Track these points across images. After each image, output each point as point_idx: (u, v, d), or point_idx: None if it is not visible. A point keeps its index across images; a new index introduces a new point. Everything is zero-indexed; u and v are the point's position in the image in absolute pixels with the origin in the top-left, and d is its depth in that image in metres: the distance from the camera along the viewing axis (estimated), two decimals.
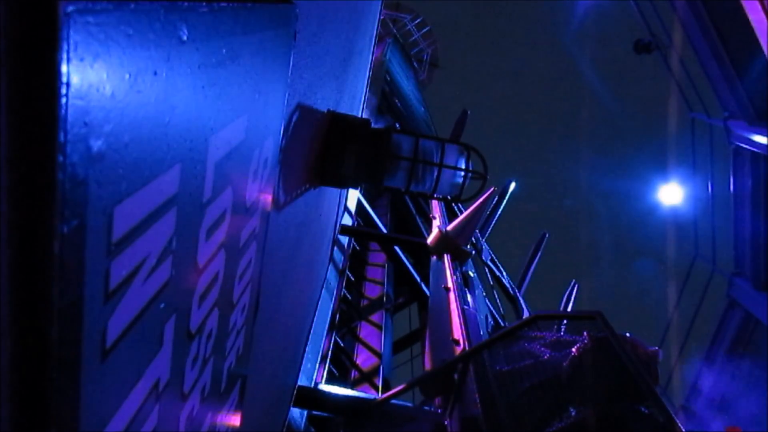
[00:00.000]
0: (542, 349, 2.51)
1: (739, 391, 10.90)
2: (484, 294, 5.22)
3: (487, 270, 7.00)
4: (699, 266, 14.31)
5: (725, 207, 12.67)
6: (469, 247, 5.15)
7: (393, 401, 3.00)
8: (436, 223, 6.09)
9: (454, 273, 4.47)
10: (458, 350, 3.23)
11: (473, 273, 5.06)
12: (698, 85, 13.23)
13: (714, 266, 13.41)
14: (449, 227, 5.15)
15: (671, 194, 17.72)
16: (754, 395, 10.28)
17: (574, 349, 2.38)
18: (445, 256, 4.84)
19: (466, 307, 3.88)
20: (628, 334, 2.61)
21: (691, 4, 10.66)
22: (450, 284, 4.23)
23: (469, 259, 5.20)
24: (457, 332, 3.48)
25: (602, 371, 2.27)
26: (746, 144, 11.16)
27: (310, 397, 3.05)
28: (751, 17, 8.86)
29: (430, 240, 5.19)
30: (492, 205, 7.42)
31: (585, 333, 2.46)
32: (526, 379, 2.36)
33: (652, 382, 2.21)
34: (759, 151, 10.74)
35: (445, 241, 5.00)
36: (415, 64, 20.37)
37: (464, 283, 4.56)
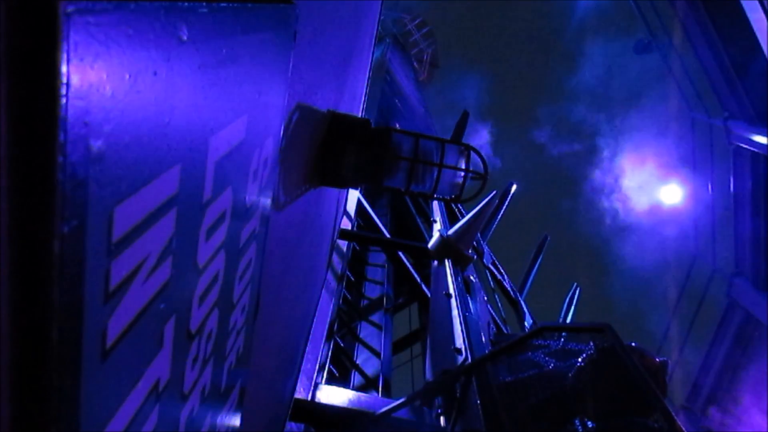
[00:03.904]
0: (547, 358, 2.49)
1: (739, 392, 10.90)
2: (486, 298, 5.20)
3: (488, 273, 6.98)
4: (699, 266, 14.32)
5: (725, 207, 12.68)
6: (470, 251, 5.12)
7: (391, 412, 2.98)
8: (437, 227, 6.06)
9: (455, 278, 4.44)
10: (460, 359, 3.21)
11: (474, 278, 5.03)
12: (698, 85, 13.25)
13: (714, 266, 13.42)
14: (450, 232, 5.12)
15: (671, 194, 17.75)
16: (754, 395, 10.29)
17: (580, 360, 2.36)
18: (447, 261, 4.81)
19: (467, 314, 3.86)
20: (633, 344, 2.59)
21: (691, 4, 10.68)
22: (451, 290, 4.20)
23: (471, 263, 5.17)
24: (459, 340, 3.47)
25: (609, 383, 2.24)
26: (746, 144, 11.17)
27: (307, 410, 3.04)
28: (750, 17, 8.86)
29: (431, 245, 5.16)
30: (493, 208, 7.41)
31: (591, 343, 2.44)
32: (531, 391, 2.33)
33: (660, 393, 2.18)
34: (759, 151, 10.75)
35: (447, 246, 4.97)
36: (415, 64, 20.38)
37: (466, 289, 4.53)
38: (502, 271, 7.62)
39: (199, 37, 0.59)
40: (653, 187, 19.78)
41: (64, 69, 0.38)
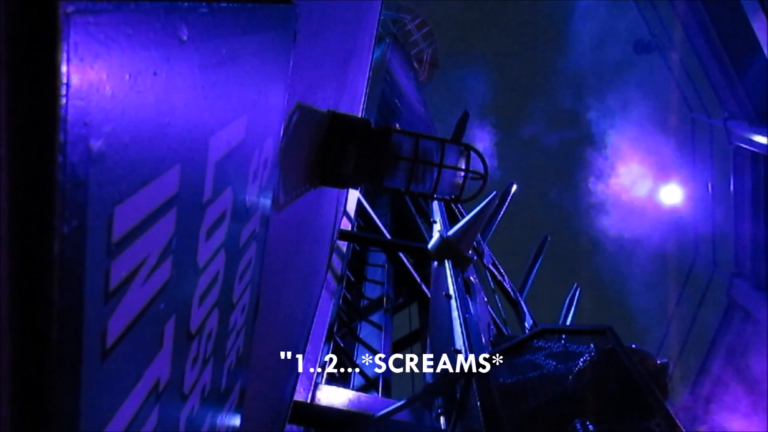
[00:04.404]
0: (547, 360, 2.49)
1: (738, 391, 10.90)
2: (486, 299, 5.19)
3: (488, 274, 6.98)
4: (699, 266, 14.33)
5: (725, 207, 12.68)
6: (471, 252, 5.11)
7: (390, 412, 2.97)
8: (437, 227, 6.06)
9: (455, 279, 4.43)
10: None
11: (474, 278, 5.02)
12: (698, 85, 13.25)
13: (714, 266, 13.42)
14: (450, 232, 5.11)
15: (671, 194, 17.75)
16: (753, 395, 10.29)
17: (580, 362, 2.35)
18: (447, 261, 4.81)
19: (468, 315, 3.85)
20: (634, 346, 2.59)
21: (691, 4, 10.68)
22: (451, 291, 4.19)
23: (471, 264, 5.16)
24: (459, 342, 3.46)
25: (610, 385, 2.24)
26: (746, 144, 11.17)
27: (307, 412, 3.04)
28: (750, 17, 8.86)
29: (431, 245, 5.16)
30: (493, 209, 7.41)
31: (592, 345, 2.44)
32: (531, 393, 2.33)
33: (661, 396, 2.18)
34: (759, 151, 10.76)
35: (447, 246, 4.96)
36: (415, 64, 20.38)
37: (466, 290, 4.52)
38: (502, 271, 7.62)
39: (199, 37, 0.59)
40: (653, 187, 19.79)
41: (64, 69, 0.38)
